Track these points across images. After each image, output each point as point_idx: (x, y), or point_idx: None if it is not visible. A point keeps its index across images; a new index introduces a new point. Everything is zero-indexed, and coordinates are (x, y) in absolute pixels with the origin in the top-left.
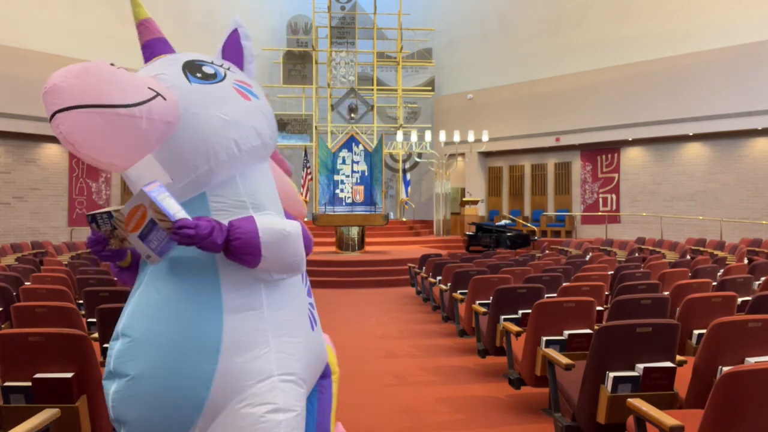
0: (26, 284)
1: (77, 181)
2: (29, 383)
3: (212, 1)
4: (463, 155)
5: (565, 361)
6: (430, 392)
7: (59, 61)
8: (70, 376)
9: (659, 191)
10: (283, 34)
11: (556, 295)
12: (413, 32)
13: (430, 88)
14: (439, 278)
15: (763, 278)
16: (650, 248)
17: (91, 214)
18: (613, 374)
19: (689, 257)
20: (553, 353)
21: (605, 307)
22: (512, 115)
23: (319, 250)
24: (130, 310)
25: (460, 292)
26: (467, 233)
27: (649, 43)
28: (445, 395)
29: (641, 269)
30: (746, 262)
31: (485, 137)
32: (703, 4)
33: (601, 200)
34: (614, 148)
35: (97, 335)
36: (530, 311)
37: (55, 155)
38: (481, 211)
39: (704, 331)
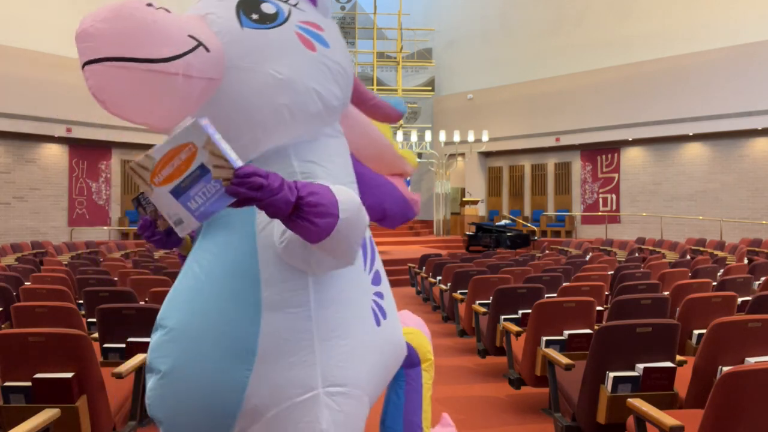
0: (26, 284)
1: (77, 181)
2: (29, 383)
3: None
4: (463, 155)
5: (565, 361)
6: None
7: (59, 61)
8: (70, 376)
9: (659, 191)
10: None
11: (556, 295)
12: (413, 32)
13: (430, 88)
14: (439, 278)
15: (763, 278)
16: (650, 248)
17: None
18: (613, 374)
19: (689, 257)
20: (553, 353)
21: (605, 307)
22: (512, 115)
23: None
24: (168, 296)
25: (460, 292)
26: (467, 233)
27: (649, 43)
28: (445, 395)
29: (641, 269)
30: (746, 262)
31: (485, 137)
32: (703, 4)
33: (601, 200)
34: (614, 148)
35: (97, 335)
36: (530, 311)
37: (55, 155)
38: (481, 211)
39: (704, 331)
